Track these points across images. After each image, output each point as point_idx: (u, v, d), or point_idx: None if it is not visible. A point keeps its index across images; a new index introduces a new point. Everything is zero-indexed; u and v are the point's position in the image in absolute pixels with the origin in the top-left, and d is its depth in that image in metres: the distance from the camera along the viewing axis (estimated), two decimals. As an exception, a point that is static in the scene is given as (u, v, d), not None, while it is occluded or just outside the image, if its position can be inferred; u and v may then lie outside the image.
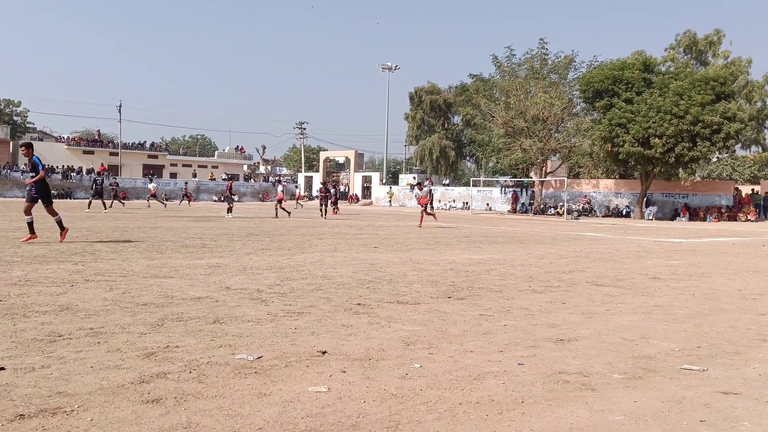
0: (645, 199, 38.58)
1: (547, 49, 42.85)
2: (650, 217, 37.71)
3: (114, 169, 61.56)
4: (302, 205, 43.37)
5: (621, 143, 35.02)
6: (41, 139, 68.68)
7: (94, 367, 3.74)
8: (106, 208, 28.61)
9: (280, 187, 30.84)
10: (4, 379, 3.46)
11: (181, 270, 8.31)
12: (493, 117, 43.45)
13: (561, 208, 40.81)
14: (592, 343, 4.81)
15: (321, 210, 28.32)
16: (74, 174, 56.44)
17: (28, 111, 78.98)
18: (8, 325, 4.74)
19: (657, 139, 33.63)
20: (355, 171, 66.05)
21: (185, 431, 2.84)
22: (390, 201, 56.92)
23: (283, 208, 27.88)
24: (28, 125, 77.24)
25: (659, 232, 22.90)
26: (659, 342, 4.91)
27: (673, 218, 37.81)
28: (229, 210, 26.50)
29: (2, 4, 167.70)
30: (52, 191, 51.46)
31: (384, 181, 63.80)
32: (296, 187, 58.37)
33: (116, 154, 63.60)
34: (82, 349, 4.13)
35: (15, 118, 75.40)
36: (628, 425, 3.10)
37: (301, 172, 77.01)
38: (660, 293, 7.53)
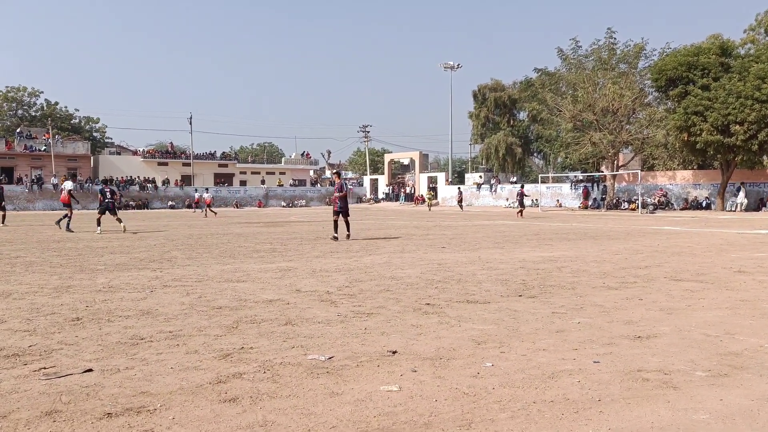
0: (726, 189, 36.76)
1: (615, 38, 41.47)
2: (733, 209, 35.87)
3: (187, 179, 63.94)
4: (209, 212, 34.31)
5: (698, 132, 33.47)
6: (119, 153, 72.11)
7: (174, 368, 3.88)
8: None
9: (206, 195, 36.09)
10: (92, 380, 3.65)
11: (253, 274, 8.54)
12: (561, 111, 42.40)
13: (635, 203, 39.38)
14: (673, 340, 4.61)
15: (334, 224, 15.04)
16: (150, 185, 59.04)
17: (106, 127, 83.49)
18: (94, 330, 5.00)
19: (738, 126, 31.96)
20: (420, 172, 65.88)
21: (261, 429, 2.90)
22: (429, 205, 48.94)
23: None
24: (106, 140, 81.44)
25: (743, 224, 21.74)
26: (746, 338, 4.66)
27: (758, 209, 35.83)
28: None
29: (82, 32, 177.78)
30: (130, 202, 54.89)
31: (450, 181, 63.33)
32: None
33: (188, 165, 65.95)
34: (162, 351, 4.30)
35: (95, 134, 79.64)
36: (714, 424, 2.95)
37: (366, 175, 77.61)
38: (746, 287, 7.14)
